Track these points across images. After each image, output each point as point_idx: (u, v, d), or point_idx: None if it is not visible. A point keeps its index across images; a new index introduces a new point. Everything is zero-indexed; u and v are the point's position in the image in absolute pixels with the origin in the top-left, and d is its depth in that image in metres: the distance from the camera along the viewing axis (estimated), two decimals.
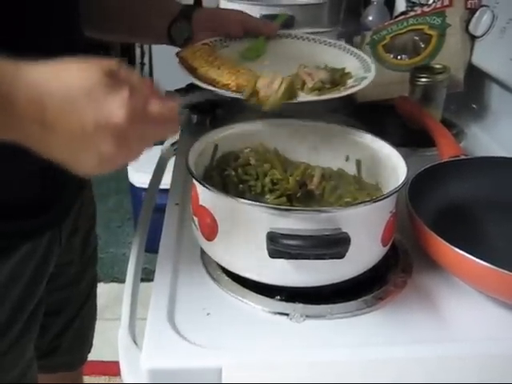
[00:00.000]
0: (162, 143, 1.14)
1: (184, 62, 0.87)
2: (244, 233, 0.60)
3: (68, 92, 0.49)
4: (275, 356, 0.56)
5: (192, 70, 0.85)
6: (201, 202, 0.64)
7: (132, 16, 0.95)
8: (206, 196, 0.63)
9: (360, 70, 0.89)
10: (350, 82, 0.85)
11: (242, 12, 1.01)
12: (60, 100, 0.49)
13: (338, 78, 0.85)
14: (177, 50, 0.91)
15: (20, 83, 0.49)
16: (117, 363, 0.59)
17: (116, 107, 0.48)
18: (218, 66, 0.84)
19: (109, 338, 0.77)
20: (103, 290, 2.04)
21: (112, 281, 2.16)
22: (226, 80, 0.81)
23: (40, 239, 0.77)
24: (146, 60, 3.54)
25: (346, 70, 0.88)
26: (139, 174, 2.14)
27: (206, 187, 0.61)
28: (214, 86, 0.81)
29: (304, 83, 0.83)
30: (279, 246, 0.56)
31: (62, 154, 0.52)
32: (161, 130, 0.53)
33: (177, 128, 0.54)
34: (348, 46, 0.97)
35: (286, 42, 0.99)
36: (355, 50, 0.95)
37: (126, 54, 3.54)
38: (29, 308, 0.79)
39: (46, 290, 0.83)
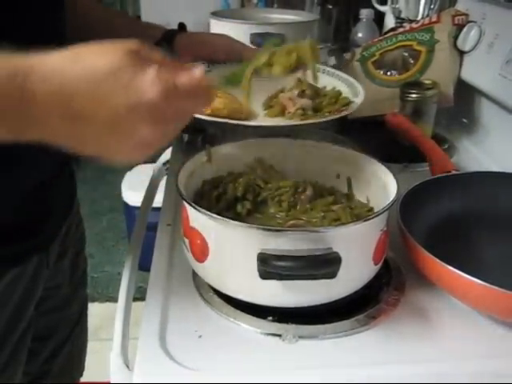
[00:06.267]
0: (154, 161, 1.15)
1: None
2: (235, 254, 0.60)
3: (93, 76, 0.45)
4: (268, 378, 0.55)
5: None
6: (191, 224, 0.63)
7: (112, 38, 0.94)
8: (196, 217, 0.62)
9: (348, 95, 0.89)
10: (335, 107, 0.86)
11: (226, 36, 1.00)
12: (85, 86, 0.45)
13: (319, 103, 0.86)
14: None
15: (35, 77, 0.45)
16: None
17: (147, 85, 0.45)
18: None
19: (105, 359, 0.76)
20: (98, 309, 2.04)
21: (107, 300, 2.14)
22: None
23: (27, 263, 0.77)
24: None
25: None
26: (133, 193, 2.14)
27: (196, 208, 0.61)
28: None
29: (285, 108, 0.84)
30: (270, 267, 0.55)
31: (95, 146, 0.49)
32: (194, 103, 0.50)
33: (210, 98, 0.51)
34: (336, 71, 0.97)
35: None
36: (342, 75, 0.95)
37: None
38: (17, 332, 0.78)
39: (35, 314, 0.82)
